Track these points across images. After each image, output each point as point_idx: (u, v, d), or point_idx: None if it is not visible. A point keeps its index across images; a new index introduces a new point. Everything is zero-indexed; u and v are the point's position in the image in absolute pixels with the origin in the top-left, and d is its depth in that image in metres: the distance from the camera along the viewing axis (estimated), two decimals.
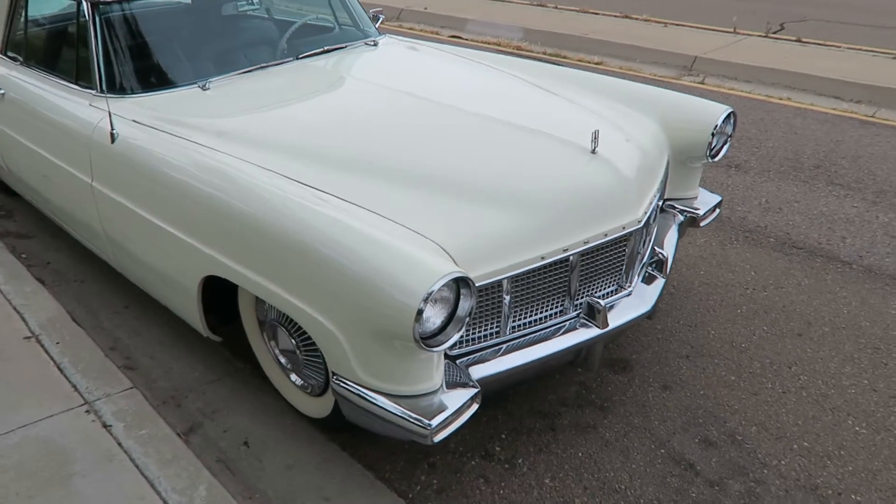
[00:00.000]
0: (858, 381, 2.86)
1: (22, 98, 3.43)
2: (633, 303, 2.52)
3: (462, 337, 2.13)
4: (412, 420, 1.98)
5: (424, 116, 2.72)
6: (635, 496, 2.36)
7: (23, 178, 3.74)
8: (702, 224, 3.08)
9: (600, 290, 2.49)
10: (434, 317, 1.90)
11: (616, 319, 2.42)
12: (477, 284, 1.99)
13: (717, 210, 3.17)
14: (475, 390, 2.08)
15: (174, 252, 2.56)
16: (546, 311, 2.37)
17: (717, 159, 2.98)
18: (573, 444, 2.57)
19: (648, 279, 2.66)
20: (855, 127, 5.72)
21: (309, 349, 2.40)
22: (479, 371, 2.19)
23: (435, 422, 1.96)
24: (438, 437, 1.98)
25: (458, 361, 2.20)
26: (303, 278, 2.07)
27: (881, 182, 4.68)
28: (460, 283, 1.89)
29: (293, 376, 2.60)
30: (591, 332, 2.36)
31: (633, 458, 2.51)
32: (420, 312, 1.80)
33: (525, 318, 2.34)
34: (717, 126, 2.88)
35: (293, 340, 2.44)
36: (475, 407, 2.07)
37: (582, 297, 2.42)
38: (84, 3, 3.03)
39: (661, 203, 2.90)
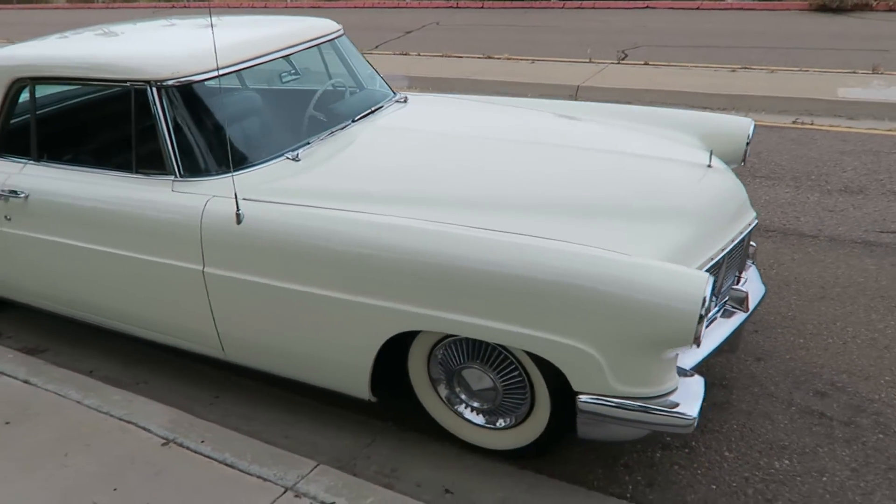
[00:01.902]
0: (889, 323, 3.53)
1: (63, 199, 3.17)
2: (751, 287, 2.96)
3: None
4: (675, 415, 2.23)
5: (543, 157, 2.95)
6: (800, 447, 2.77)
7: (50, 289, 3.42)
8: None
9: (728, 282, 2.90)
10: None
11: (752, 303, 2.84)
12: None
13: None
14: (702, 378, 2.38)
15: (346, 319, 2.58)
16: None
17: (744, 164, 3.54)
18: (725, 420, 2.93)
19: None
20: None
21: (511, 383, 2.55)
22: (683, 363, 2.49)
23: (694, 411, 2.24)
24: (695, 424, 2.25)
25: None
26: (548, 312, 2.22)
27: (788, 170, 5.63)
28: None
29: (477, 416, 2.71)
30: (741, 317, 2.76)
31: (776, 419, 2.93)
32: (701, 317, 2.07)
33: None
34: (749, 136, 3.44)
35: (491, 377, 2.57)
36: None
37: (723, 290, 2.81)
38: (150, 89, 2.93)
39: None
